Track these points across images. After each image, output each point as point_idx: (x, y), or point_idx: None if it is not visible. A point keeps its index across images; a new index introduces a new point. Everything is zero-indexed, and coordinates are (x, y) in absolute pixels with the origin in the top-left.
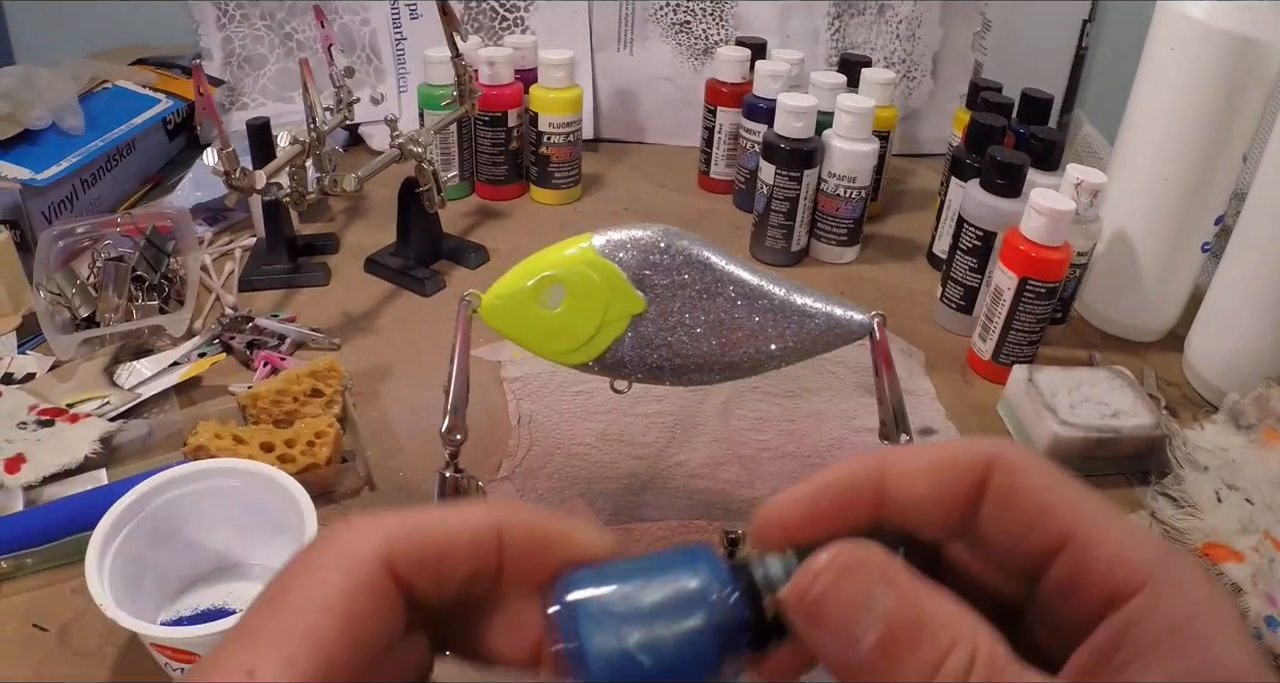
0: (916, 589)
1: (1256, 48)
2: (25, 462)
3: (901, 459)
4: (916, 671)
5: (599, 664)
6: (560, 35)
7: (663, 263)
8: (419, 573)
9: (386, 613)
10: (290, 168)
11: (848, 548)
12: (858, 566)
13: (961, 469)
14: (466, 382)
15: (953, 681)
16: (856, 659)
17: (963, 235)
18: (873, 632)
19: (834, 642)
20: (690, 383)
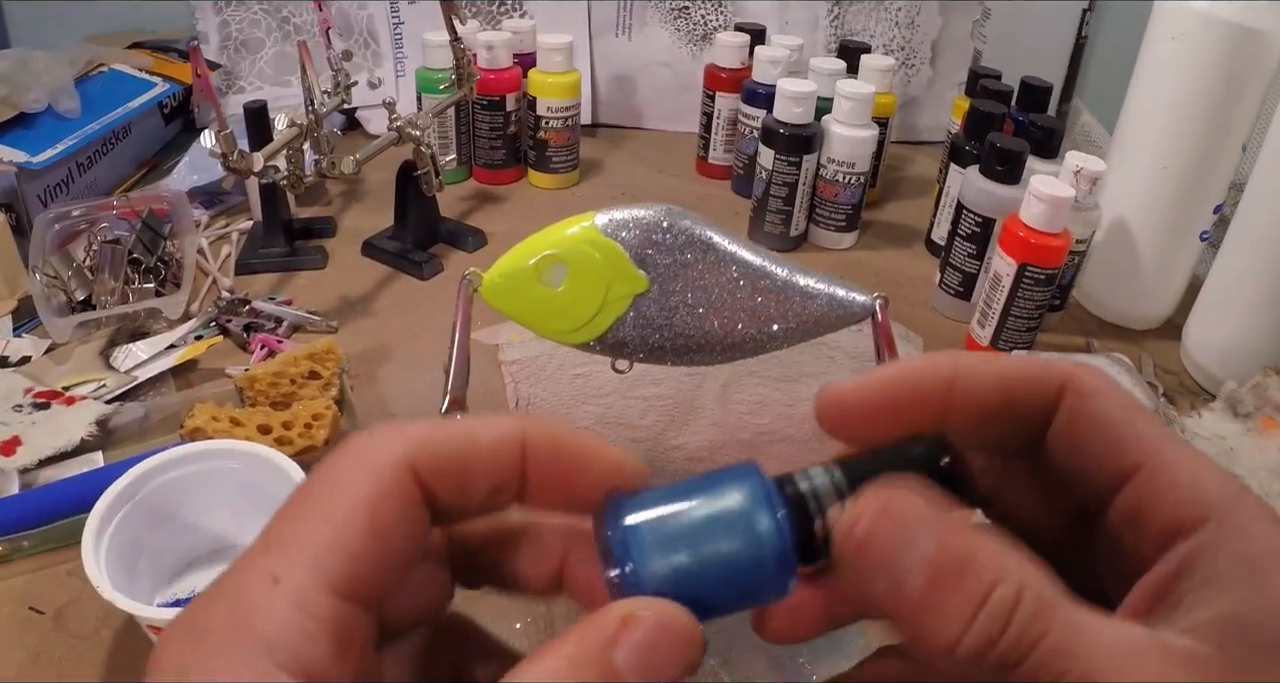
0: (960, 530)
1: (1257, 38)
2: (21, 445)
3: (975, 366)
4: (961, 608)
5: (654, 588)
6: (558, 20)
7: (665, 242)
8: (441, 479)
9: (411, 519)
10: (288, 151)
11: (891, 490)
12: (900, 508)
13: (1034, 386)
14: (467, 361)
15: (1000, 613)
16: (902, 599)
17: (962, 221)
18: (916, 571)
19: (879, 581)
20: (692, 363)
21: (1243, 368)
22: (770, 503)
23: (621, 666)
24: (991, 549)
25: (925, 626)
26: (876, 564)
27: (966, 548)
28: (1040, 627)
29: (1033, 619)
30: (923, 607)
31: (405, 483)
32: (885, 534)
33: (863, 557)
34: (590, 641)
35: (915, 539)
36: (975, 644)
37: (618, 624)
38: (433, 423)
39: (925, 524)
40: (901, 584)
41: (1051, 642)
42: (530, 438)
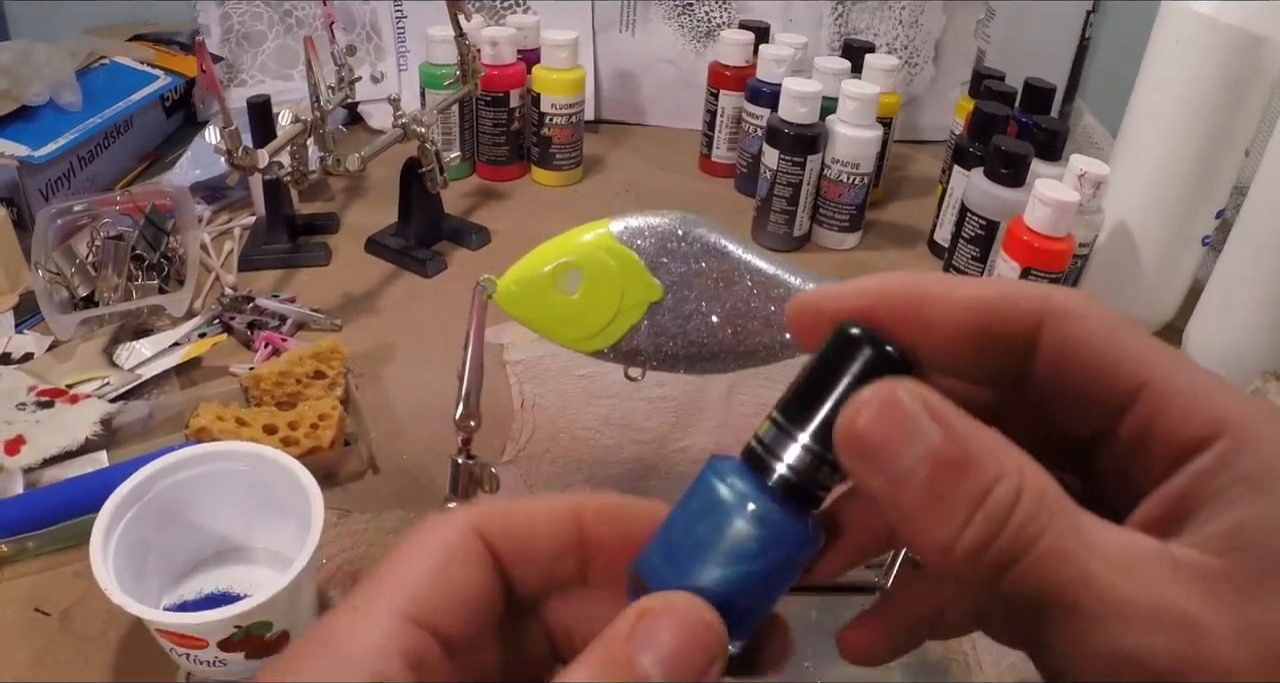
0: (963, 423)
1: (1261, 44)
2: (25, 444)
3: (950, 286)
4: (962, 503)
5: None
6: (563, 15)
7: (680, 251)
8: (505, 542)
9: (479, 570)
10: (291, 147)
11: (892, 382)
12: (902, 399)
13: (1009, 315)
14: (480, 368)
15: (999, 511)
16: (901, 496)
17: (965, 224)
18: (919, 466)
19: (880, 477)
20: (705, 371)
21: (1243, 372)
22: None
23: (643, 663)
24: (996, 442)
25: (924, 525)
26: (877, 460)
27: (971, 441)
28: (1038, 526)
29: (1031, 518)
30: (922, 504)
31: (471, 540)
32: (887, 427)
33: (863, 452)
34: (609, 643)
35: (919, 431)
36: (972, 544)
37: (633, 620)
38: (496, 501)
39: (930, 414)
40: (902, 481)
41: (1049, 543)
42: (585, 505)
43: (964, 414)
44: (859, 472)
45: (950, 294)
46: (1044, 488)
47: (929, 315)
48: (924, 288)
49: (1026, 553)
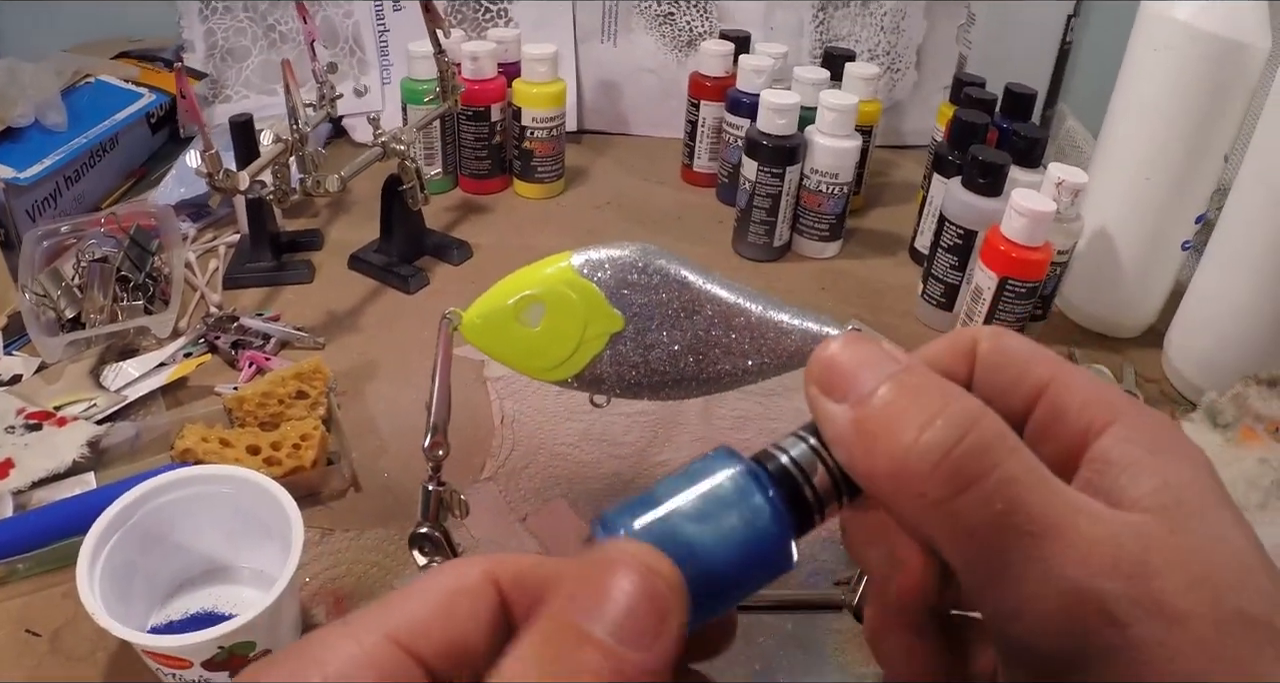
0: (924, 366)
1: (1239, 50)
2: (14, 467)
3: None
4: (922, 410)
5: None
6: (544, 27)
7: (640, 282)
8: (520, 594)
9: (486, 617)
10: (273, 166)
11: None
12: (868, 340)
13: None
14: (448, 399)
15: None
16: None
17: (944, 233)
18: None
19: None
20: (668, 398)
21: (1224, 376)
22: (758, 480)
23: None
24: (951, 384)
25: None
26: (842, 381)
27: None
28: (995, 456)
29: (995, 439)
30: (883, 417)
31: (483, 585)
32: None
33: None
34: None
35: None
36: (927, 451)
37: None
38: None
39: (894, 353)
40: (864, 400)
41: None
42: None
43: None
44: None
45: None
46: (1002, 428)
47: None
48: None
49: (986, 477)
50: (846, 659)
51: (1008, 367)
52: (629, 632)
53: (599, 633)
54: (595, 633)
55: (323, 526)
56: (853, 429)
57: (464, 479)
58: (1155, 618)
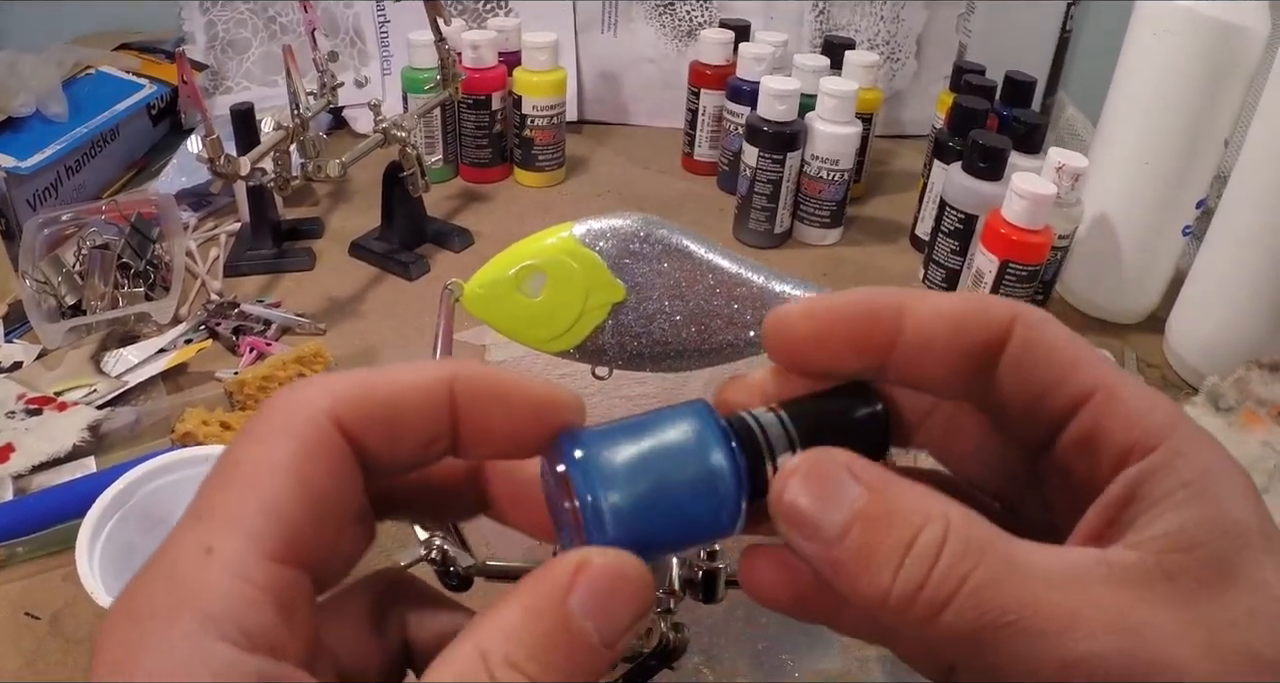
0: (885, 480)
1: (1238, 34)
2: (14, 451)
3: (924, 298)
4: (890, 553)
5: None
6: (544, 17)
7: (642, 251)
8: (370, 431)
9: (342, 476)
10: (274, 153)
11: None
12: (826, 466)
13: (984, 317)
14: None
15: (926, 556)
16: (835, 553)
17: (944, 218)
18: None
19: (812, 544)
20: (670, 369)
21: (1226, 361)
22: (724, 436)
23: (577, 612)
24: (918, 493)
25: (858, 579)
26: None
27: (893, 495)
28: (967, 565)
29: (959, 559)
30: (854, 559)
31: (332, 439)
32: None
33: (793, 522)
34: (545, 589)
35: (842, 493)
36: (904, 590)
37: (571, 572)
38: (357, 373)
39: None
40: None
41: (980, 577)
42: (459, 382)
43: (887, 472)
44: (794, 539)
45: (926, 307)
46: (969, 529)
47: (909, 324)
48: (900, 303)
49: (959, 592)
50: (849, 641)
51: (1046, 365)
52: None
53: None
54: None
55: None
56: (829, 568)
57: None
58: (1147, 672)
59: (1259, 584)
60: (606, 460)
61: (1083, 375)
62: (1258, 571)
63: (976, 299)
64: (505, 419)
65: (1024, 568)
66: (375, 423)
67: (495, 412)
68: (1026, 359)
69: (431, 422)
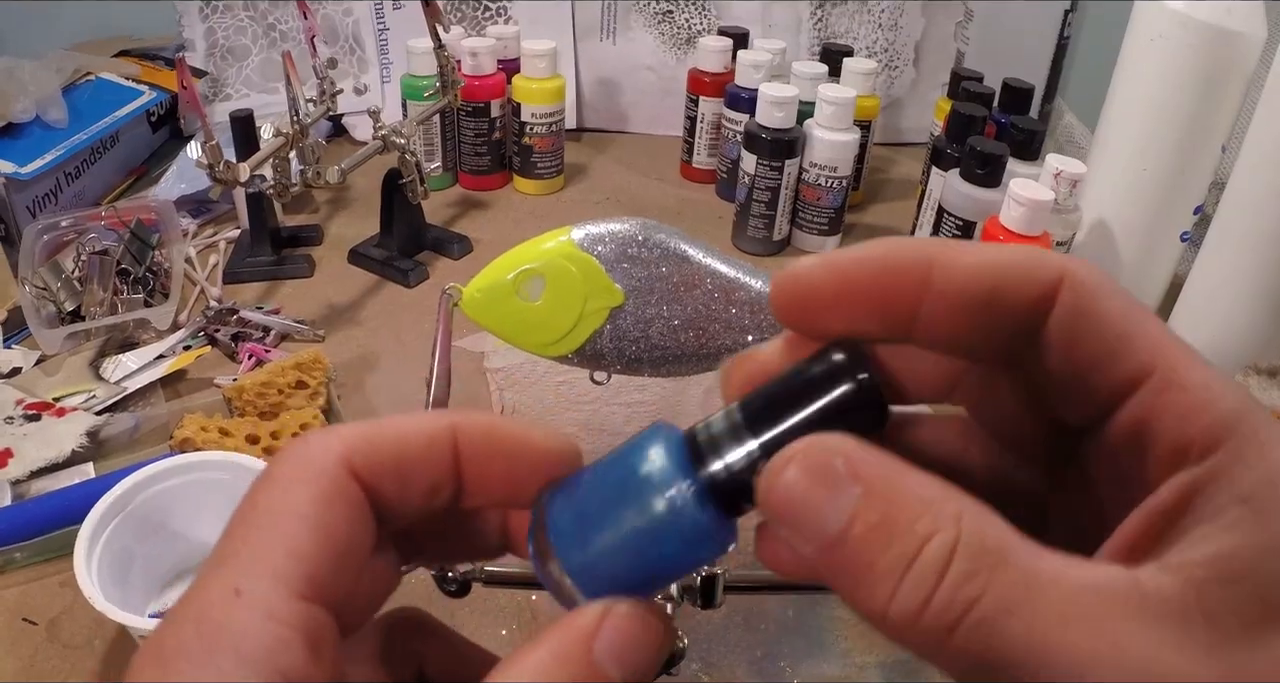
0: (888, 478)
1: (1235, 39)
2: (13, 457)
3: (958, 250)
4: (889, 568)
5: (581, 578)
6: (543, 25)
7: (640, 256)
8: (380, 478)
9: (358, 518)
10: (274, 160)
11: (811, 442)
12: (820, 457)
13: (1025, 276)
14: (448, 374)
15: (929, 574)
16: (830, 563)
17: (943, 225)
18: (843, 530)
19: (806, 545)
20: (669, 374)
21: (1224, 367)
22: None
23: (602, 658)
24: (927, 493)
25: (856, 591)
26: (799, 528)
27: (898, 496)
28: (977, 586)
29: (968, 578)
30: (852, 570)
31: (346, 483)
32: (806, 491)
33: (784, 521)
34: (571, 636)
35: (839, 493)
36: (903, 612)
37: (597, 619)
38: (367, 423)
39: (849, 472)
40: (830, 547)
41: (992, 601)
42: (461, 432)
43: (892, 464)
44: (788, 535)
45: (958, 260)
46: (983, 539)
47: (938, 279)
48: (930, 255)
49: (967, 616)
50: (847, 647)
51: (1097, 339)
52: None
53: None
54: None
55: None
56: (826, 573)
57: None
58: None
59: None
60: (567, 518)
61: (1139, 354)
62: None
63: (1020, 253)
64: (504, 468)
65: (1042, 594)
66: (385, 470)
67: (495, 461)
68: (1073, 330)
69: (435, 469)
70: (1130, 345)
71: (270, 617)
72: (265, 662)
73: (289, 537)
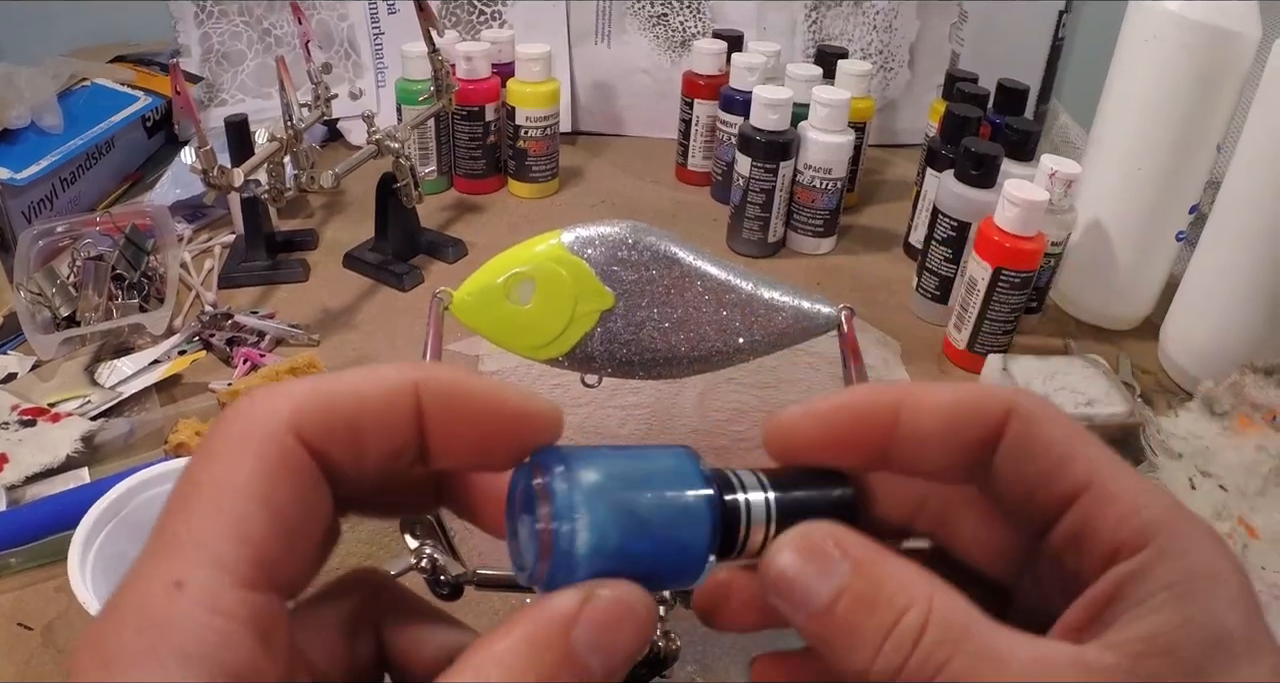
0: (872, 559)
1: (1230, 39)
2: (8, 462)
3: (920, 394)
4: (873, 633)
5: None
6: (538, 29)
7: (630, 259)
8: (333, 442)
9: (308, 491)
10: (268, 165)
11: (805, 528)
12: (817, 538)
13: (979, 412)
14: None
15: (906, 639)
16: (822, 626)
17: (937, 226)
18: (833, 602)
19: (799, 613)
20: (660, 377)
21: (1220, 367)
22: (709, 483)
23: (581, 647)
24: (905, 574)
25: (843, 653)
26: (796, 598)
27: (880, 575)
28: (945, 652)
29: (938, 645)
30: (840, 635)
31: (295, 452)
32: (801, 567)
33: (783, 592)
34: (547, 621)
35: (831, 570)
36: (884, 670)
37: (577, 604)
38: (316, 380)
39: (841, 551)
40: (820, 616)
41: (957, 666)
42: (425, 390)
43: (876, 549)
44: (783, 607)
45: (921, 404)
46: (951, 614)
47: (905, 421)
48: (897, 400)
49: (936, 677)
50: None
51: (1041, 459)
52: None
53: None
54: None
55: None
56: (816, 638)
57: None
58: None
59: None
60: (591, 484)
61: (1076, 472)
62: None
63: (973, 393)
64: (474, 432)
65: (999, 661)
66: (338, 434)
67: (464, 422)
68: (1020, 454)
69: (395, 432)
70: (1071, 464)
71: (214, 611)
72: (212, 660)
73: (232, 518)
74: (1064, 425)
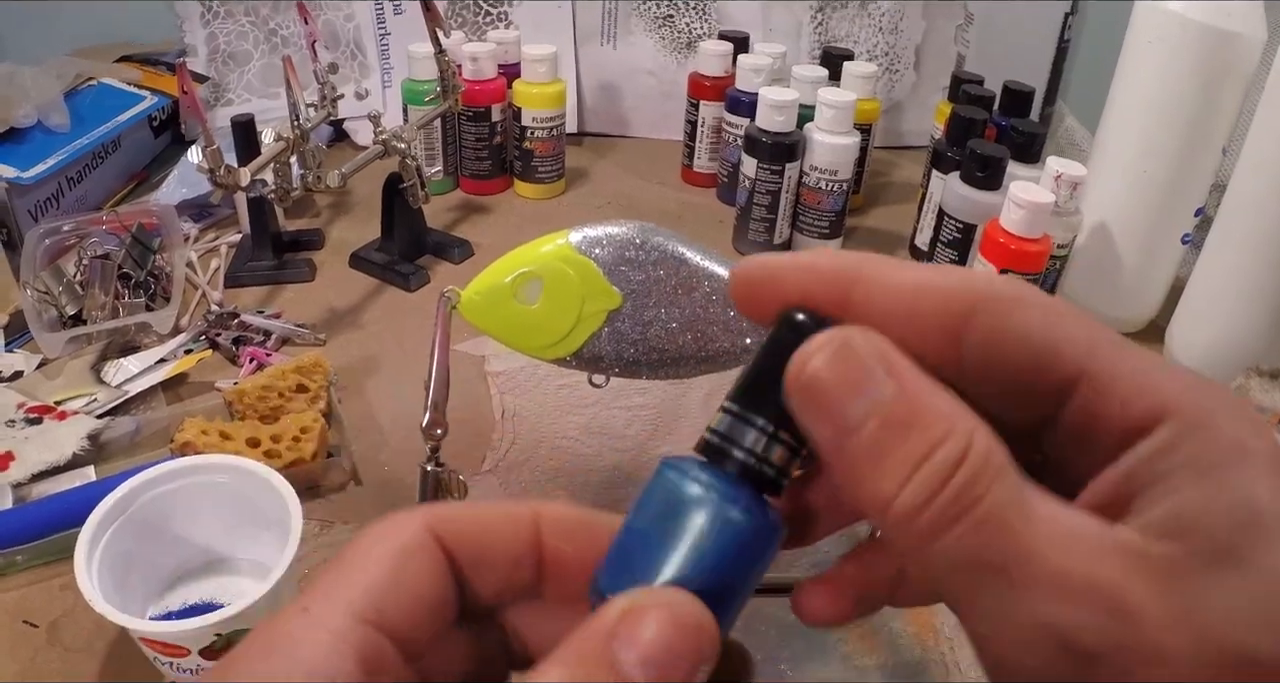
0: (918, 381)
1: (1234, 41)
2: (14, 460)
3: (879, 271)
4: (904, 460)
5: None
6: (544, 29)
7: (638, 259)
8: (461, 545)
9: (436, 573)
10: (275, 164)
11: (849, 329)
12: (857, 347)
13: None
14: (447, 377)
15: (940, 472)
16: (847, 444)
17: (943, 228)
18: (866, 418)
19: (827, 425)
20: (667, 377)
21: (1226, 369)
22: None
23: (625, 661)
24: (948, 403)
25: (865, 478)
26: (825, 407)
27: (922, 399)
28: (977, 491)
29: (971, 483)
30: (866, 458)
31: (427, 541)
32: (837, 373)
33: (812, 397)
34: (589, 638)
35: (872, 382)
36: (910, 502)
37: (616, 618)
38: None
39: (885, 367)
40: (848, 432)
41: (987, 509)
42: (544, 514)
43: (920, 372)
44: (806, 417)
45: (882, 277)
46: (989, 455)
47: (857, 297)
48: (859, 268)
49: (963, 518)
50: (848, 650)
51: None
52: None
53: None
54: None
55: (322, 518)
56: (836, 457)
57: (464, 473)
58: (1128, 653)
59: (1267, 573)
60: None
61: (1063, 362)
62: (1267, 558)
63: (939, 277)
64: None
65: (1030, 515)
66: (466, 540)
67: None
68: (990, 349)
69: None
70: (1054, 354)
71: (328, 630)
72: (315, 665)
73: (362, 576)
74: (1044, 311)
